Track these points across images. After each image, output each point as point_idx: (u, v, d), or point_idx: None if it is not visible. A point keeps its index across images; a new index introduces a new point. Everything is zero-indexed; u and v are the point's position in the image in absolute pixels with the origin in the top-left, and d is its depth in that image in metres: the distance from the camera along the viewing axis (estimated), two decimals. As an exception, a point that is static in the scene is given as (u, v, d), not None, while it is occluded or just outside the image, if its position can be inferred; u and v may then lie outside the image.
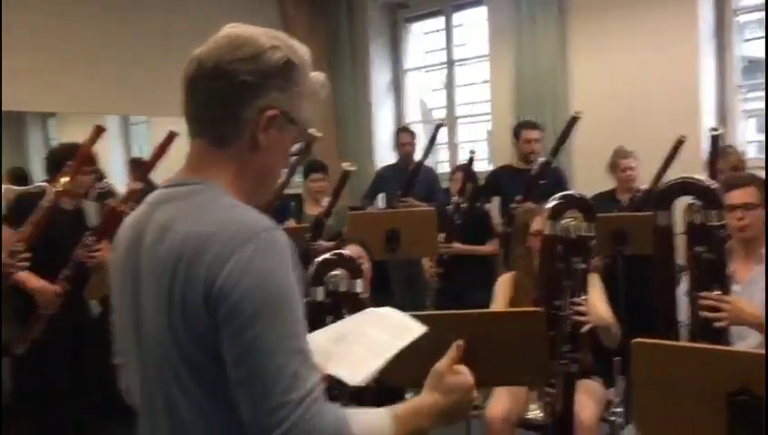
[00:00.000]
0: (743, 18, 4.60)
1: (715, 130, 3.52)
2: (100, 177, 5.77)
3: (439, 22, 6.07)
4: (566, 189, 3.85)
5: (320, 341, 1.33)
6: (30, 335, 2.96)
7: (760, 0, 4.58)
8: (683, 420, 1.60)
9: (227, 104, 1.01)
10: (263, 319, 0.92)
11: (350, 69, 6.18)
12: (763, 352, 2.06)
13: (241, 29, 1.05)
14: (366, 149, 6.20)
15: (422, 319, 2.07)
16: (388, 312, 1.62)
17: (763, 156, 4.62)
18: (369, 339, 1.53)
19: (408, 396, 2.70)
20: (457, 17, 5.97)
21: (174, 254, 0.96)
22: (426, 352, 2.08)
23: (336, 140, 6.26)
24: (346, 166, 3.70)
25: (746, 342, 2.30)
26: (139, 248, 1.03)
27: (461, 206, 3.84)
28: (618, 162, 3.81)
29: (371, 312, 1.69)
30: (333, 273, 2.01)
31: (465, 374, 1.21)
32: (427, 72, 6.36)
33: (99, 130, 2.81)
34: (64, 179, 2.78)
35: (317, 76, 1.11)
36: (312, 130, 4.12)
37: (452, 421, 1.17)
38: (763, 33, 4.56)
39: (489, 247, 3.98)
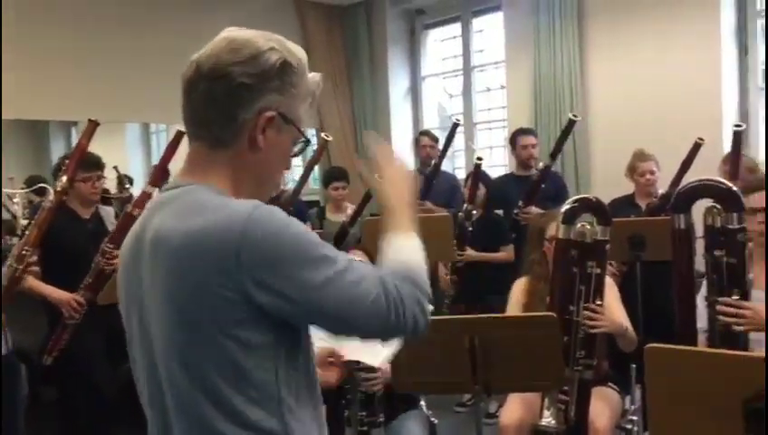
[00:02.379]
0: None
1: (738, 126, 3.46)
2: (122, 183, 5.84)
3: (457, 28, 6.06)
4: (566, 194, 3.86)
5: (325, 337, 1.33)
6: (58, 346, 3.00)
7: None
8: (698, 427, 1.56)
9: (226, 106, 1.03)
10: (307, 268, 0.97)
11: (369, 76, 6.21)
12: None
13: (238, 32, 1.06)
14: (384, 155, 6.19)
15: (436, 323, 2.05)
16: None
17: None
18: None
19: (422, 403, 2.68)
20: (476, 23, 5.96)
21: (174, 256, 0.97)
22: (439, 358, 2.07)
23: (356, 147, 6.27)
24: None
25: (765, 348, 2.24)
26: (141, 255, 1.04)
27: (473, 213, 3.83)
28: (637, 166, 3.75)
29: None
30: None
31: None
32: (444, 78, 6.35)
33: (93, 125, 2.80)
34: (64, 179, 2.79)
35: (314, 77, 1.11)
36: (323, 134, 4.12)
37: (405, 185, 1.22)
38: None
39: (503, 254, 3.95)
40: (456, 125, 4.23)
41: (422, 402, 2.67)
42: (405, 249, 1.11)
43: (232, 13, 5.14)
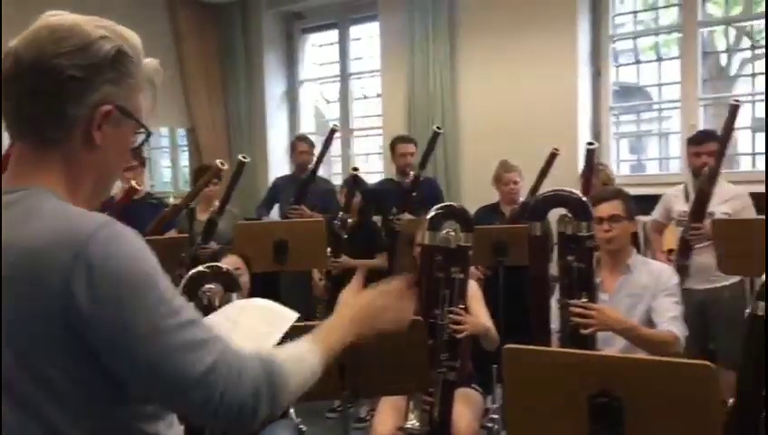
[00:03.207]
0: (618, 45, 4.92)
1: (590, 144, 3.74)
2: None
3: (335, 34, 6.09)
4: (441, 201, 4.01)
5: None
6: None
7: (631, 28, 4.95)
8: (549, 423, 1.65)
9: (54, 103, 0.93)
10: (138, 312, 0.87)
11: (244, 78, 6.09)
12: (622, 355, 2.19)
13: (62, 18, 0.96)
14: (260, 159, 6.10)
15: (299, 329, 2.02)
16: (256, 301, 1.56)
17: (636, 174, 4.97)
18: (244, 329, 1.46)
19: (291, 411, 2.65)
20: (353, 31, 6.02)
21: (6, 278, 0.88)
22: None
23: (229, 150, 6.12)
24: (241, 157, 3.66)
25: (612, 347, 2.42)
26: None
27: (348, 221, 3.86)
28: (501, 176, 3.95)
29: (239, 302, 1.62)
30: (207, 286, 1.95)
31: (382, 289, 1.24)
32: (322, 83, 6.36)
33: None
34: None
35: (151, 63, 1.03)
36: (218, 161, 3.85)
37: (377, 324, 1.22)
38: (638, 59, 4.93)
39: (377, 261, 4.02)
40: (332, 131, 4.24)
41: (291, 410, 2.63)
42: (298, 354, 1.03)
43: (97, 10, 4.84)
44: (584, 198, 2.33)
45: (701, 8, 4.49)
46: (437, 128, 3.97)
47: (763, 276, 1.60)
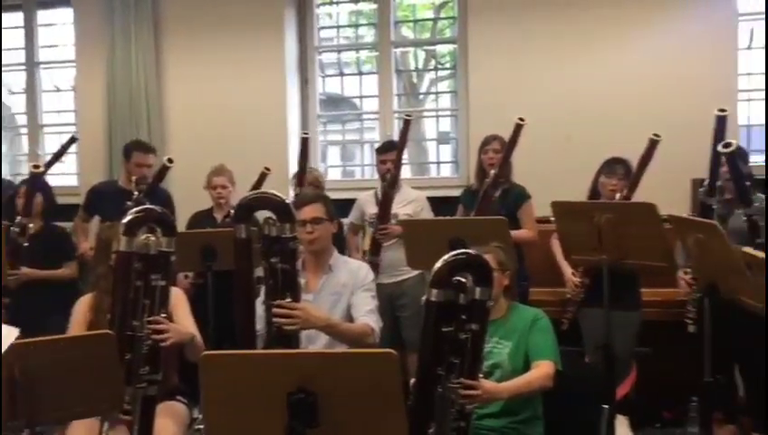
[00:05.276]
0: (324, 57, 5.18)
1: (305, 133, 3.88)
2: None
3: (20, 17, 5.37)
4: (172, 206, 3.82)
5: None
6: None
7: (336, 42, 5.25)
8: (249, 425, 1.64)
9: None
10: None
11: None
12: (317, 352, 2.30)
13: None
14: None
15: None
16: None
17: (346, 178, 5.28)
18: None
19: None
20: (42, 15, 5.37)
21: None
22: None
23: None
24: None
25: (316, 344, 2.52)
26: None
27: (28, 227, 3.41)
28: (211, 180, 3.89)
29: None
30: None
31: None
32: (4, 71, 5.54)
33: None
34: None
35: None
36: None
37: None
38: (342, 72, 5.24)
39: (65, 271, 3.64)
40: (72, 139, 3.84)
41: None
42: None
43: None
44: (288, 201, 2.38)
45: (394, 30, 4.96)
46: (169, 160, 3.68)
47: (436, 265, 1.81)
